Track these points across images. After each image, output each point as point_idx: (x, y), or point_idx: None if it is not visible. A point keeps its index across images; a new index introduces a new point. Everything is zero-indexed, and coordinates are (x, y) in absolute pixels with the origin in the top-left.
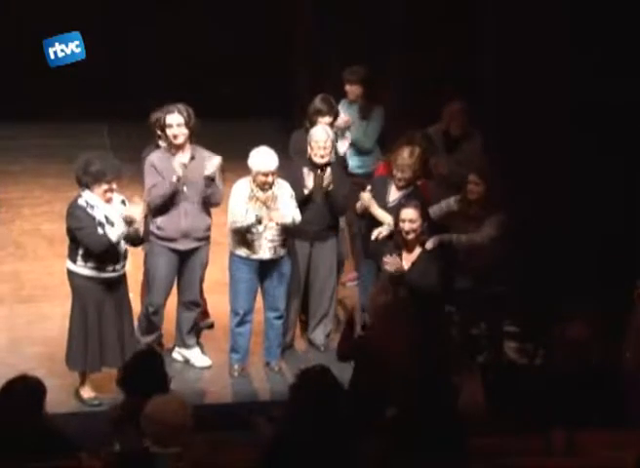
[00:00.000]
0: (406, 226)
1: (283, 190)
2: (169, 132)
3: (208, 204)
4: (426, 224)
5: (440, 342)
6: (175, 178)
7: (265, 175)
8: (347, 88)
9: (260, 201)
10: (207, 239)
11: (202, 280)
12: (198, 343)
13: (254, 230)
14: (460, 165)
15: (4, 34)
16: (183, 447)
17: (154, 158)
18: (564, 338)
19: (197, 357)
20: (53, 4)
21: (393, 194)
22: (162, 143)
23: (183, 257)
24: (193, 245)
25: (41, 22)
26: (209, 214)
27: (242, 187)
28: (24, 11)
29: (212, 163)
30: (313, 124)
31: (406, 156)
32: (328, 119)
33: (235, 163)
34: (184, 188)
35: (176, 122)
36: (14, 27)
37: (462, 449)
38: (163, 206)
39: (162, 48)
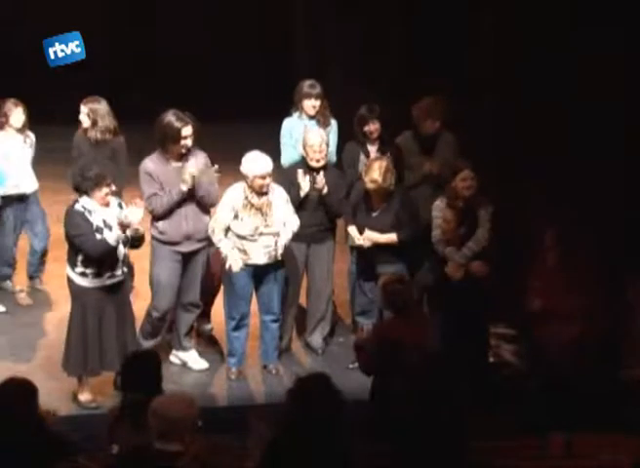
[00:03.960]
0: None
1: (277, 195)
2: (183, 143)
3: (204, 204)
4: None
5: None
6: (185, 188)
7: (263, 177)
8: (307, 102)
9: (256, 208)
10: (208, 239)
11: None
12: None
13: (249, 237)
14: (444, 165)
15: (4, 34)
16: (187, 444)
17: (149, 165)
18: (560, 340)
19: (194, 359)
20: (53, 4)
21: (376, 205)
22: None
23: (186, 259)
24: (195, 246)
25: (41, 22)
26: (207, 213)
27: (234, 195)
28: (24, 11)
29: (189, 168)
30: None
31: (380, 178)
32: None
33: (234, 165)
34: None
35: (190, 133)
36: (14, 27)
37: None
38: (166, 212)
39: (161, 49)
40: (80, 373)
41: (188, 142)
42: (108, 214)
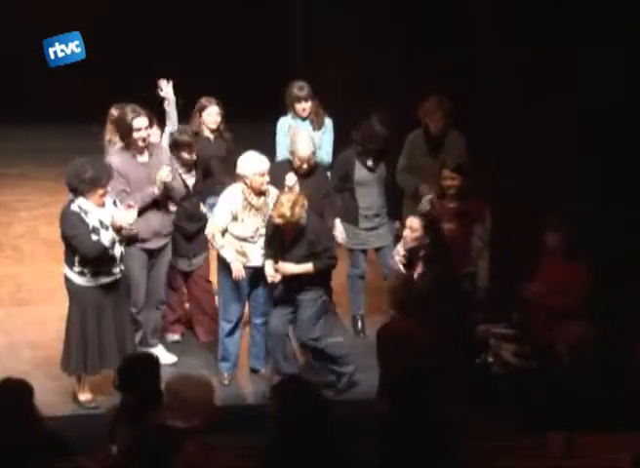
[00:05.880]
0: (407, 233)
1: (273, 197)
2: (137, 135)
3: (172, 199)
4: (429, 241)
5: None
6: (157, 191)
7: (262, 175)
8: (298, 105)
9: (256, 208)
10: (171, 234)
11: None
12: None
13: (250, 239)
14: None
15: (4, 34)
16: (195, 425)
17: (115, 161)
18: (562, 339)
19: (162, 355)
20: (53, 4)
21: (289, 238)
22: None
23: (153, 256)
24: (162, 242)
25: (41, 22)
26: (172, 207)
27: (232, 197)
28: (24, 11)
29: (161, 173)
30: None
31: (288, 212)
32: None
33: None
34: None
35: (144, 125)
36: (14, 27)
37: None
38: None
39: (161, 49)
40: (80, 373)
41: (143, 134)
42: (104, 214)
